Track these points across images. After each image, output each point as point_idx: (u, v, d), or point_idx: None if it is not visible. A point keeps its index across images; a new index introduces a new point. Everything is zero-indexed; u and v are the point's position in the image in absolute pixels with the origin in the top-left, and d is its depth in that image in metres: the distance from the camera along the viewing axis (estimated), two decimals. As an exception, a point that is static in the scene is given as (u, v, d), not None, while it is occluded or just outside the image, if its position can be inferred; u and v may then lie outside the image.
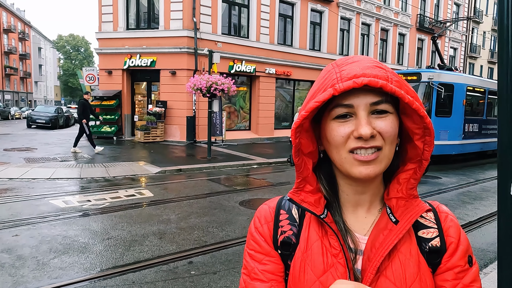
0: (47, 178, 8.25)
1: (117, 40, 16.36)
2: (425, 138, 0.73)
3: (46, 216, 5.60)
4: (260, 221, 0.84)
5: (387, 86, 0.66)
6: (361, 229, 0.79)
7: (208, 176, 9.44)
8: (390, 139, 0.71)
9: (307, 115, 0.70)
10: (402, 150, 0.79)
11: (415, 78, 12.49)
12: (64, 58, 72.29)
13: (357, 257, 0.76)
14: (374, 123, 0.70)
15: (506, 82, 1.55)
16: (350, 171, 0.72)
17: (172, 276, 3.80)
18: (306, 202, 0.77)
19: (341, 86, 0.67)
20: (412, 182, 0.76)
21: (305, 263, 0.76)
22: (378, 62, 0.72)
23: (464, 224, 5.94)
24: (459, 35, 31.02)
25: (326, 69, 0.75)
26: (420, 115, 0.70)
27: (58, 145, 14.34)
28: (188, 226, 5.34)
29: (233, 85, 11.84)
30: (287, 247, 0.80)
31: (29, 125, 24.41)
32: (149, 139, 15.49)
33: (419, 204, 0.76)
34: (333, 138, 0.72)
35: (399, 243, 0.74)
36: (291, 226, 0.81)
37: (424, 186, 9.17)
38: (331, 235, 0.76)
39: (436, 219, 0.81)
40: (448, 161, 13.32)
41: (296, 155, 0.75)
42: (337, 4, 21.01)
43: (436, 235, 0.79)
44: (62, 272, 3.80)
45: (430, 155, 0.75)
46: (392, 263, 0.73)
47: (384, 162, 0.72)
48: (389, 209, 0.77)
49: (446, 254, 0.78)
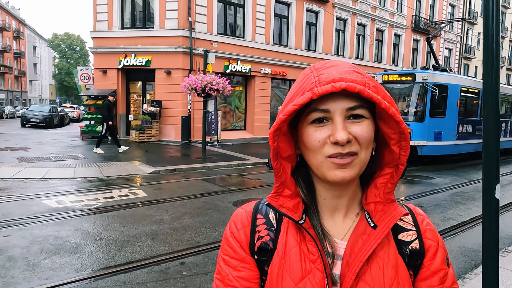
0: (40, 178, 8.20)
1: (112, 39, 16.29)
2: (401, 143, 0.73)
3: (38, 217, 5.57)
4: (236, 226, 0.83)
5: (364, 91, 0.66)
6: (339, 233, 0.79)
7: (202, 176, 9.43)
8: (366, 144, 0.71)
9: (285, 118, 0.70)
10: (379, 154, 0.79)
11: (410, 78, 12.54)
12: (59, 57, 71.81)
13: (335, 262, 0.76)
14: (350, 128, 0.70)
15: (491, 85, 1.56)
16: (326, 174, 0.72)
17: (164, 277, 3.79)
18: (284, 207, 0.76)
19: (319, 90, 0.67)
20: (389, 186, 0.77)
21: (283, 269, 0.75)
22: (356, 67, 0.73)
23: (457, 224, 5.97)
24: (454, 36, 31.17)
25: (304, 72, 0.75)
26: (396, 121, 0.70)
27: (52, 145, 14.26)
28: (181, 227, 5.33)
29: (228, 85, 11.83)
30: (264, 252, 0.79)
31: (23, 124, 24.28)
32: (144, 139, 15.44)
33: (397, 208, 0.76)
34: (309, 143, 0.72)
35: (377, 247, 0.74)
36: (268, 231, 0.80)
37: (417, 187, 9.21)
38: (309, 241, 0.75)
39: (414, 221, 0.83)
40: (442, 162, 13.40)
41: (275, 159, 0.74)
42: (332, 4, 21.05)
43: (415, 238, 0.80)
44: (53, 273, 3.78)
45: (406, 160, 0.75)
46: (370, 267, 0.74)
47: (359, 166, 0.72)
48: (367, 213, 0.78)
49: (428, 257, 0.79)
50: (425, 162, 13.00)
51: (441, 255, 0.81)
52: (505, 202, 7.65)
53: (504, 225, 6.10)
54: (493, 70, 1.55)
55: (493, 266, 1.52)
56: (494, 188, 1.61)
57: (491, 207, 1.62)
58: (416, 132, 12.24)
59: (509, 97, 16.78)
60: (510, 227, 6.04)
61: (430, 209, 6.92)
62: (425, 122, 12.25)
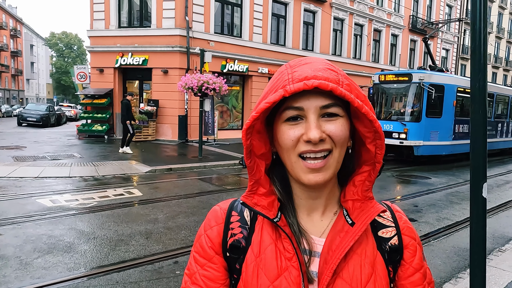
0: (35, 177, 8.17)
1: (109, 38, 16.25)
2: (376, 142, 0.73)
3: (32, 216, 5.55)
4: (210, 223, 0.82)
5: (337, 89, 0.66)
6: (317, 231, 0.79)
7: (198, 175, 9.41)
8: (340, 142, 0.71)
9: (257, 116, 0.69)
10: (357, 152, 0.79)
11: (406, 78, 12.57)
12: (56, 56, 71.62)
13: (312, 259, 0.76)
14: (324, 126, 0.70)
15: (478, 87, 1.56)
16: (299, 177, 0.72)
17: (157, 276, 3.78)
18: (259, 205, 0.76)
19: (291, 87, 0.67)
20: (367, 184, 0.77)
21: (258, 268, 0.75)
22: (331, 65, 0.73)
23: (451, 224, 5.99)
24: (451, 37, 31.26)
25: (280, 69, 0.75)
26: (370, 119, 0.69)
27: (48, 144, 14.21)
28: (176, 226, 5.32)
29: (225, 84, 11.82)
30: (236, 250, 0.78)
31: (19, 123, 24.18)
32: (141, 138, 15.40)
33: (375, 206, 0.77)
34: (283, 141, 0.72)
35: (355, 244, 0.74)
36: (242, 229, 0.80)
37: (413, 186, 9.23)
38: (284, 239, 0.75)
39: (393, 217, 0.84)
40: (439, 162, 13.43)
41: (248, 157, 0.74)
42: (330, 4, 21.06)
43: (394, 234, 0.81)
44: (45, 272, 3.76)
45: (382, 158, 0.75)
46: (348, 264, 0.74)
47: (334, 167, 0.72)
48: (345, 211, 0.78)
49: (409, 254, 0.81)
50: (421, 162, 13.02)
51: (420, 252, 0.82)
52: (500, 202, 7.69)
53: (499, 225, 6.13)
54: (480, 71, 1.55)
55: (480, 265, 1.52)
56: (481, 187, 1.61)
57: (478, 206, 1.62)
58: (412, 132, 12.27)
59: (505, 98, 16.84)
60: (504, 226, 6.06)
61: (425, 208, 6.94)
62: (422, 122, 12.28)
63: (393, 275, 0.80)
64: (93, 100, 16.37)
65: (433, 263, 4.40)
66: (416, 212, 6.68)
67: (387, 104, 13.45)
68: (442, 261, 4.48)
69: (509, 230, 5.85)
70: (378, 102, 13.51)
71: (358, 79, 22.24)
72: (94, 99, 16.37)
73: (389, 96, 13.43)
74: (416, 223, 5.95)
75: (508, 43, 42.90)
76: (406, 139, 12.28)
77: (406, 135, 12.27)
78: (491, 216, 6.66)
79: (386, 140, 12.58)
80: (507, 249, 4.82)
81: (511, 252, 4.64)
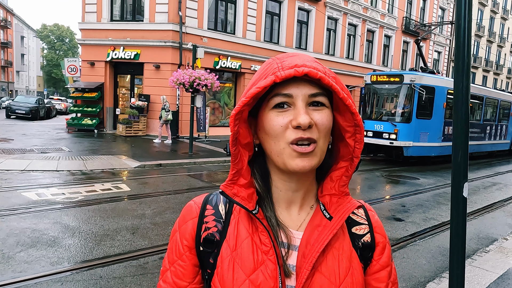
0: (21, 170, 8.05)
1: (100, 31, 16.06)
2: (356, 136, 0.74)
3: (17, 209, 5.46)
4: (185, 217, 0.82)
5: (325, 78, 0.68)
6: (295, 225, 0.79)
7: (188, 171, 9.37)
8: (325, 132, 0.72)
9: (247, 101, 0.69)
10: (335, 148, 0.80)
11: (398, 79, 12.64)
12: (48, 48, 70.64)
13: (290, 252, 0.76)
14: (311, 114, 0.70)
15: (461, 89, 1.56)
16: (287, 162, 0.71)
17: (141, 272, 3.75)
18: (238, 196, 0.75)
19: (282, 73, 0.68)
20: (344, 179, 0.78)
21: (234, 261, 0.74)
22: (316, 59, 0.74)
23: (437, 224, 6.05)
24: (443, 39, 31.52)
25: (266, 62, 0.76)
26: (352, 112, 0.71)
27: (37, 137, 14.03)
28: (163, 222, 5.29)
29: (217, 81, 11.78)
30: (210, 244, 0.78)
31: (8, 116, 23.80)
32: (131, 133, 15.29)
33: (351, 201, 0.78)
34: (271, 128, 0.71)
35: (333, 238, 0.75)
36: (216, 222, 0.79)
37: (402, 187, 9.30)
38: (262, 232, 0.74)
39: (366, 215, 0.85)
40: (428, 163, 13.55)
41: (233, 144, 0.73)
42: (324, 3, 21.08)
43: (367, 231, 0.82)
44: (28, 266, 3.71)
45: (360, 153, 0.75)
46: (326, 258, 0.74)
47: (319, 155, 0.72)
48: (322, 205, 0.78)
49: (377, 251, 0.82)
50: (411, 163, 13.12)
51: (388, 251, 0.84)
52: (486, 204, 7.78)
53: (484, 226, 6.21)
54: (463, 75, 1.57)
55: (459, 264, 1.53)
56: (462, 186, 1.61)
57: (458, 205, 1.62)
58: (402, 133, 12.36)
59: (494, 101, 17.04)
60: (489, 228, 6.13)
61: (412, 208, 7.00)
62: (412, 123, 12.37)
63: (364, 271, 0.81)
64: (84, 93, 16.17)
65: (418, 263, 4.44)
66: (403, 212, 6.73)
67: (378, 105, 13.53)
68: (427, 261, 4.52)
69: (493, 231, 5.92)
70: (369, 102, 13.58)
71: (350, 79, 22.33)
72: (84, 93, 16.18)
73: (381, 97, 13.50)
74: (403, 223, 5.99)
75: (499, 47, 43.41)
76: (396, 140, 12.37)
77: (396, 136, 12.36)
78: (476, 217, 6.74)
79: (376, 140, 12.76)
80: (491, 249, 4.88)
81: (494, 253, 4.70)
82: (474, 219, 6.57)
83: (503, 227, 6.24)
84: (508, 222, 6.57)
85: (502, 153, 19.01)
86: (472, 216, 6.65)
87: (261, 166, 0.80)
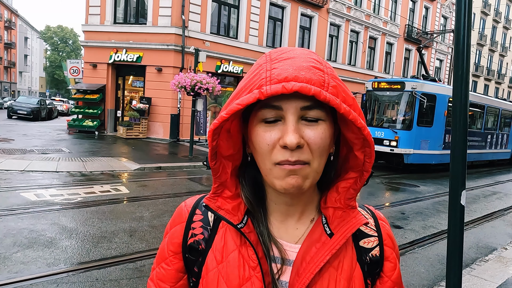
0: (21, 171, 8.05)
1: (103, 33, 16.13)
2: (365, 149, 0.66)
3: (15, 209, 5.45)
4: (175, 221, 0.79)
5: (320, 94, 0.58)
6: (291, 238, 0.73)
7: (188, 175, 9.36)
8: (319, 152, 0.63)
9: (226, 117, 0.61)
10: (344, 158, 0.72)
11: (399, 86, 12.65)
12: (51, 50, 70.93)
13: (284, 268, 0.70)
14: (303, 130, 0.62)
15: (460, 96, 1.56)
16: (275, 183, 0.64)
17: (138, 274, 3.73)
18: (223, 209, 0.70)
19: (268, 90, 0.58)
20: (351, 192, 0.70)
21: (219, 275, 0.70)
22: (317, 61, 0.63)
23: (437, 232, 6.02)
24: (445, 48, 31.58)
25: (258, 62, 0.66)
26: (358, 127, 0.62)
27: (37, 137, 14.04)
28: (161, 224, 5.26)
29: (218, 85, 11.80)
30: (195, 252, 0.74)
31: (9, 116, 23.87)
32: (132, 135, 15.30)
33: (357, 216, 0.70)
34: (258, 145, 0.64)
35: (332, 257, 0.69)
36: (203, 229, 0.75)
37: (401, 194, 9.27)
38: (249, 245, 0.69)
39: (376, 226, 0.78)
40: (428, 170, 13.52)
41: (213, 158, 0.67)
42: (327, 10, 21.16)
43: (376, 244, 0.76)
44: (24, 267, 3.69)
45: (371, 167, 0.68)
46: (322, 278, 0.68)
47: (312, 176, 0.65)
48: (324, 218, 0.72)
49: (389, 267, 0.76)
50: (411, 170, 13.10)
51: (398, 265, 0.79)
52: (486, 212, 7.75)
53: (483, 235, 6.17)
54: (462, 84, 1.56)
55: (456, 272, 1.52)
56: (460, 194, 1.60)
57: (456, 212, 1.62)
58: (403, 140, 12.34)
59: (496, 110, 17.04)
60: (488, 237, 6.10)
61: (412, 216, 6.97)
62: (413, 130, 12.36)
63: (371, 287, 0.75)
64: (85, 95, 16.20)
65: (416, 271, 4.41)
66: (402, 219, 6.70)
67: (379, 111, 13.54)
68: (425, 269, 4.49)
69: (493, 241, 5.89)
70: (370, 109, 13.59)
71: (352, 85, 22.35)
72: (86, 94, 16.21)
73: (382, 104, 13.51)
74: (402, 230, 5.97)
75: (501, 56, 43.50)
76: (397, 147, 12.36)
77: (397, 143, 12.35)
78: (476, 226, 6.71)
79: (377, 147, 12.72)
80: (490, 259, 4.85)
81: (493, 262, 4.67)
82: (473, 228, 6.54)
83: (503, 236, 6.21)
84: (508, 232, 6.54)
85: (503, 162, 18.97)
86: (471, 225, 6.62)
87: (253, 175, 0.73)
